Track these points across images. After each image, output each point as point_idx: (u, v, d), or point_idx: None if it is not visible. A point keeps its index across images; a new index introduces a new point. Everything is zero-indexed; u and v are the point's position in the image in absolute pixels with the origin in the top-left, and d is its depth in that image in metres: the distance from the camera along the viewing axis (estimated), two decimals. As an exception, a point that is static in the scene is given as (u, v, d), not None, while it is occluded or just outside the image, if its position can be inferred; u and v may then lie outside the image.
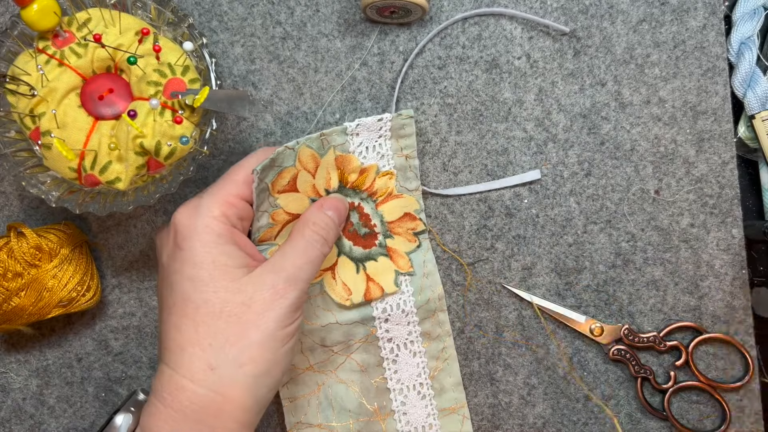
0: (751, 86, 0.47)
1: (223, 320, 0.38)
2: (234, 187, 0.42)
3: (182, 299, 0.39)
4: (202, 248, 0.39)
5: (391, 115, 0.47)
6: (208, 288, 0.38)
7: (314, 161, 0.46)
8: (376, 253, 0.48)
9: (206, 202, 0.41)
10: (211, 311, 0.38)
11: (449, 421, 0.49)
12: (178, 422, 0.37)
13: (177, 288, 0.39)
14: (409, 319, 0.48)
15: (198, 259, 0.39)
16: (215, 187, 0.42)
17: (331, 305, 0.47)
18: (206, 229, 0.40)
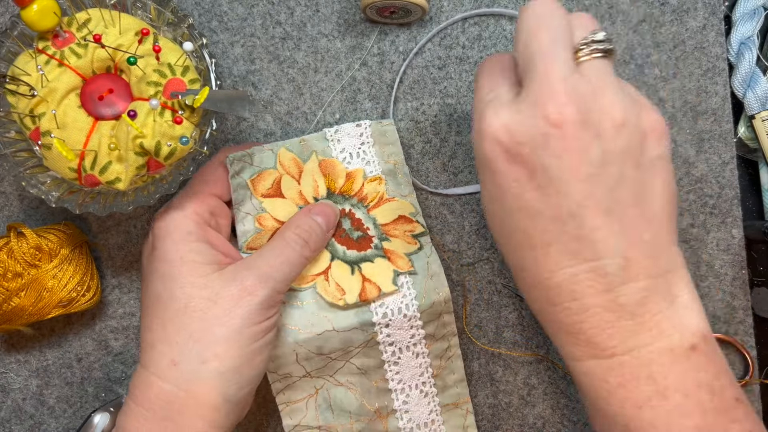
0: (751, 86, 0.47)
1: (188, 316, 0.38)
2: (204, 185, 0.43)
3: (154, 298, 0.39)
4: (172, 245, 0.40)
5: (370, 122, 0.47)
6: (175, 284, 0.39)
7: (297, 166, 0.46)
8: (373, 255, 0.46)
9: (177, 201, 0.42)
10: (177, 307, 0.38)
11: (452, 416, 0.48)
12: (148, 419, 0.37)
13: (150, 287, 0.40)
14: (412, 323, 0.46)
15: (168, 256, 0.40)
16: (186, 188, 0.44)
17: (326, 310, 0.45)
18: (177, 227, 0.41)
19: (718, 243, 0.49)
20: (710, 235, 0.49)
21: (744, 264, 0.49)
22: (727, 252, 0.49)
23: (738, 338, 0.49)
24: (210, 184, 0.44)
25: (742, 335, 0.49)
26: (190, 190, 0.43)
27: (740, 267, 0.49)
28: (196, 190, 0.43)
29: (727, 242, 0.48)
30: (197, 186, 0.43)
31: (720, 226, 0.48)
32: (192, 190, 0.43)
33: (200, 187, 0.43)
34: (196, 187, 0.43)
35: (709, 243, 0.49)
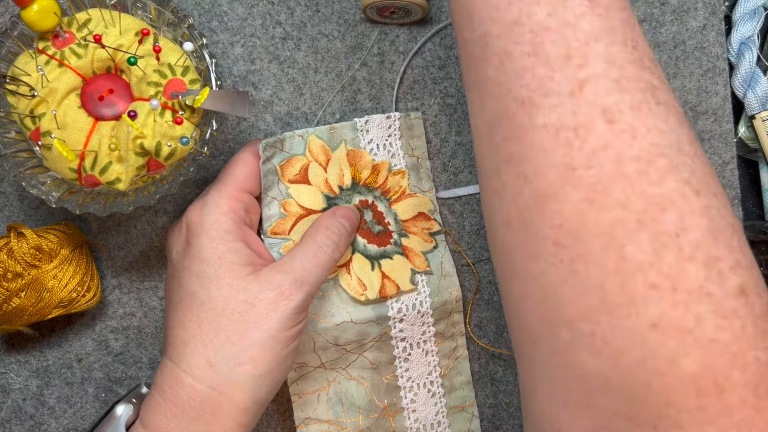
0: (752, 86, 0.47)
1: (226, 318, 0.38)
2: (237, 182, 0.42)
3: (189, 295, 0.39)
4: (210, 244, 0.39)
5: (400, 114, 0.47)
6: (212, 284, 0.39)
7: (325, 154, 0.47)
8: (392, 252, 0.47)
9: (213, 198, 0.41)
10: (215, 308, 0.38)
11: (458, 419, 0.49)
12: (177, 417, 0.37)
13: (184, 284, 0.39)
14: (424, 319, 0.47)
15: (205, 255, 0.39)
16: (219, 184, 0.42)
17: (346, 303, 0.46)
18: (214, 225, 0.40)
19: (718, 243, 0.49)
20: (710, 235, 0.49)
21: (744, 264, 0.49)
22: (728, 252, 0.49)
23: (738, 338, 0.49)
24: (243, 180, 0.43)
25: (742, 335, 0.49)
26: (224, 185, 0.42)
27: (740, 267, 0.49)
28: (230, 187, 0.42)
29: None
30: (230, 182, 0.42)
31: (720, 226, 0.48)
32: (226, 185, 0.42)
33: (233, 184, 0.42)
34: (230, 182, 0.42)
35: (709, 243, 0.49)
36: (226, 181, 0.42)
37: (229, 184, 0.42)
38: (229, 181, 0.42)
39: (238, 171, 0.43)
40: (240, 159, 0.44)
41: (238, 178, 0.43)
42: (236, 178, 0.43)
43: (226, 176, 0.43)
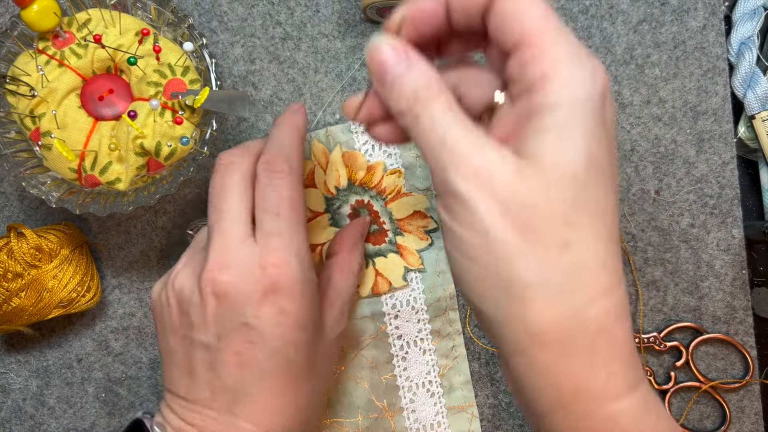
0: (751, 86, 0.47)
1: (317, 377, 0.38)
2: (304, 212, 0.38)
3: (284, 363, 0.36)
4: (306, 308, 0.36)
5: None
6: (308, 349, 0.36)
7: (325, 157, 0.48)
8: (386, 250, 0.48)
9: (302, 247, 0.36)
10: (309, 371, 0.37)
11: (458, 420, 0.49)
12: None
13: (276, 353, 0.35)
14: (419, 316, 0.48)
15: (303, 321, 0.36)
16: (294, 222, 0.36)
17: None
18: (310, 283, 0.36)
19: (718, 243, 0.49)
20: (710, 235, 0.49)
21: (744, 264, 0.49)
22: (728, 252, 0.49)
23: (738, 338, 0.49)
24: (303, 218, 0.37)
25: (742, 335, 0.49)
26: (299, 223, 0.36)
27: (740, 267, 0.49)
28: (304, 222, 0.37)
29: (728, 242, 0.48)
30: (303, 218, 0.37)
31: (720, 226, 0.48)
32: (301, 222, 0.37)
33: (304, 215, 0.37)
34: (303, 219, 0.37)
35: (709, 243, 0.49)
36: (297, 230, 0.36)
37: (302, 231, 0.36)
38: (300, 229, 0.36)
39: (302, 211, 0.37)
40: (296, 193, 0.37)
41: (303, 221, 0.37)
42: (302, 222, 0.37)
43: (294, 222, 0.36)
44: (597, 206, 0.27)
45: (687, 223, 0.49)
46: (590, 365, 0.27)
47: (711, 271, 0.49)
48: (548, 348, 0.27)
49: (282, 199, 0.36)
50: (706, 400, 0.49)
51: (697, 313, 0.49)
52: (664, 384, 0.49)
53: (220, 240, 0.35)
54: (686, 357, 0.48)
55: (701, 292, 0.49)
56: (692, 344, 0.48)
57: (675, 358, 0.49)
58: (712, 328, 0.49)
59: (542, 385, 0.27)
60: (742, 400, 0.49)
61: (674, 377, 0.48)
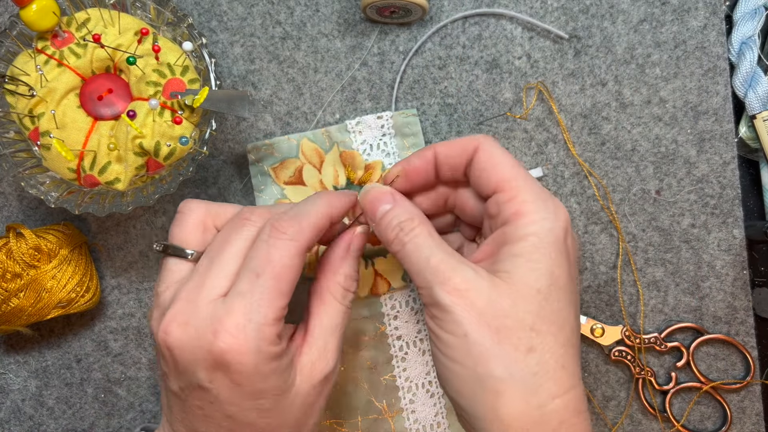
0: (752, 86, 0.47)
1: (287, 428, 0.36)
2: (280, 289, 0.34)
3: (246, 426, 0.35)
4: (262, 381, 0.33)
5: (392, 113, 0.47)
6: (272, 413, 0.35)
7: (318, 156, 0.48)
8: (385, 250, 0.48)
9: (255, 324, 0.33)
10: (275, 426, 0.35)
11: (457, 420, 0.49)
12: None
13: (238, 417, 0.34)
14: (418, 317, 0.48)
15: (259, 389, 0.34)
16: (259, 291, 0.33)
17: None
18: (262, 358, 0.33)
19: (719, 243, 0.48)
20: (711, 235, 0.48)
21: (745, 264, 0.48)
22: (728, 252, 0.48)
23: (739, 339, 0.48)
24: (287, 283, 0.34)
25: (743, 336, 0.49)
26: (266, 295, 0.33)
27: (741, 267, 0.48)
28: (273, 294, 0.33)
29: (728, 242, 0.48)
30: (274, 291, 0.33)
31: (721, 226, 0.48)
32: (268, 295, 0.33)
33: (278, 290, 0.33)
34: (274, 292, 0.33)
35: (710, 243, 0.48)
36: (268, 301, 0.33)
37: (273, 303, 0.33)
38: (271, 300, 0.33)
39: (285, 282, 0.34)
40: (286, 262, 0.34)
41: (281, 294, 0.33)
42: (280, 294, 0.33)
43: (267, 290, 0.33)
44: (558, 317, 0.32)
45: (688, 223, 0.48)
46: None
47: (712, 272, 0.49)
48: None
49: (269, 261, 0.33)
50: (707, 400, 0.49)
51: (698, 314, 0.49)
52: (665, 384, 0.48)
53: (193, 291, 0.34)
54: (687, 357, 0.48)
55: (702, 292, 0.49)
56: (693, 345, 0.48)
57: (676, 359, 0.49)
58: (713, 328, 0.49)
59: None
60: (743, 401, 0.49)
61: (675, 378, 0.48)
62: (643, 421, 0.49)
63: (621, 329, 0.48)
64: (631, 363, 0.48)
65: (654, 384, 0.48)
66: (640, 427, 0.49)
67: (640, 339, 0.48)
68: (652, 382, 0.48)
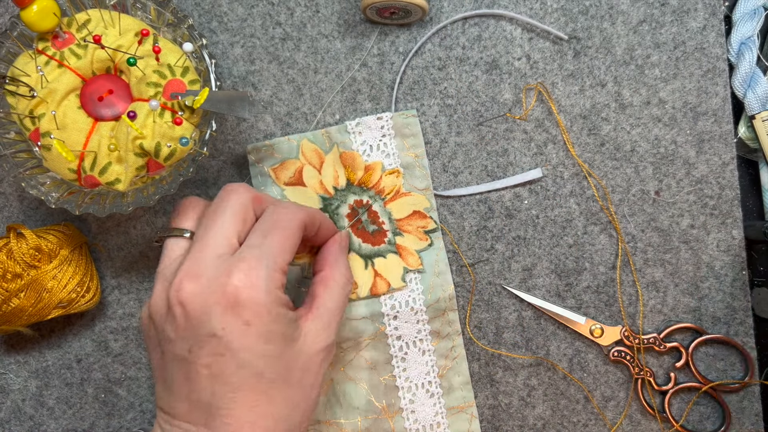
0: (752, 86, 0.47)
1: (293, 387, 0.38)
2: (286, 254, 0.38)
3: (254, 377, 0.36)
4: (274, 325, 0.36)
5: (392, 113, 0.48)
6: (280, 363, 0.36)
7: (318, 157, 0.48)
8: (385, 250, 0.48)
9: (269, 272, 0.36)
10: (282, 382, 0.37)
11: (457, 420, 0.49)
12: None
13: (246, 365, 0.36)
14: (418, 317, 0.48)
15: (271, 335, 0.36)
16: (269, 254, 0.37)
17: None
18: (275, 302, 0.36)
19: (718, 244, 0.48)
20: (710, 235, 0.48)
21: (744, 265, 0.49)
22: (728, 253, 0.48)
23: (738, 339, 0.49)
24: (290, 252, 0.38)
25: (742, 336, 0.49)
26: (276, 257, 0.37)
27: (740, 268, 0.49)
28: (281, 258, 0.37)
29: (728, 243, 0.48)
30: (281, 254, 0.37)
31: (720, 226, 0.48)
32: (277, 257, 0.37)
33: (284, 256, 0.37)
34: (281, 255, 0.37)
35: (709, 244, 0.49)
36: (277, 252, 0.37)
37: (280, 256, 0.37)
38: (280, 253, 0.37)
39: (289, 243, 0.38)
40: (292, 227, 0.39)
41: (286, 250, 0.38)
42: (285, 250, 0.37)
43: (276, 244, 0.37)
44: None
45: (687, 223, 0.49)
46: None
47: (711, 272, 0.49)
48: None
49: (276, 222, 0.38)
50: (706, 401, 0.49)
51: (697, 314, 0.49)
52: (664, 385, 0.49)
53: (197, 252, 0.36)
54: (686, 358, 0.48)
55: (701, 292, 0.49)
56: (692, 345, 0.48)
57: (675, 359, 0.49)
58: (712, 328, 0.49)
59: None
60: (742, 401, 0.49)
61: (674, 378, 0.48)
62: (642, 422, 0.49)
63: (620, 329, 0.48)
64: (630, 363, 0.48)
65: (653, 384, 0.48)
66: (639, 427, 0.49)
67: (639, 339, 0.48)
68: (651, 383, 0.48)
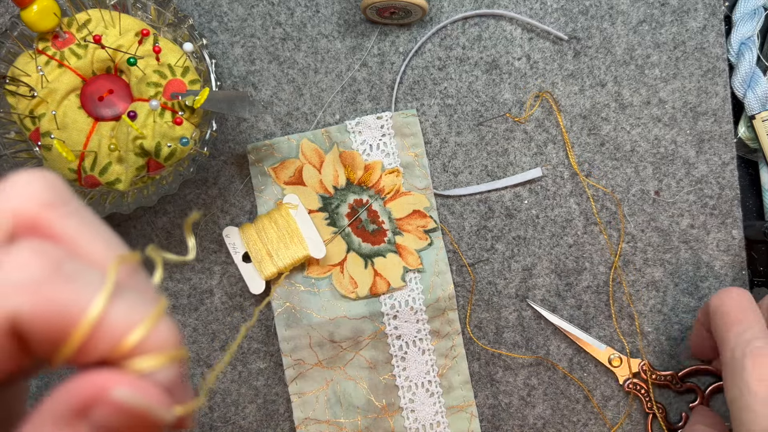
0: (751, 86, 0.47)
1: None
2: None
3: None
4: None
5: (391, 113, 0.48)
6: None
7: (318, 156, 0.48)
8: (385, 250, 0.48)
9: None
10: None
11: (457, 419, 0.49)
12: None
13: None
14: (418, 316, 0.48)
15: None
16: None
17: (339, 298, 0.48)
18: None
19: (718, 244, 0.49)
20: (710, 235, 0.49)
21: (744, 265, 0.49)
22: (727, 253, 0.49)
23: (738, 339, 0.49)
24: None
25: (742, 336, 0.49)
26: None
27: (740, 268, 0.49)
28: None
29: (727, 243, 0.48)
30: None
31: (720, 226, 0.48)
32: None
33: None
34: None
35: (709, 244, 0.49)
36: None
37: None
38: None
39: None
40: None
41: None
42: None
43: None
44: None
45: (687, 223, 0.49)
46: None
47: (711, 272, 0.49)
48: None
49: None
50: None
51: (697, 314, 0.49)
52: (676, 423, 0.48)
53: None
54: (701, 401, 0.47)
55: (701, 292, 0.49)
56: (710, 389, 0.47)
57: (692, 399, 0.48)
58: (712, 328, 0.49)
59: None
60: None
61: (685, 418, 0.47)
62: (642, 422, 0.49)
63: (639, 363, 0.48)
64: (644, 397, 0.48)
65: (664, 422, 0.48)
66: (639, 426, 0.49)
67: (656, 374, 0.48)
68: (662, 421, 0.48)
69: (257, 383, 0.50)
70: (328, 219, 0.48)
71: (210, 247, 0.49)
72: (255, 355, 0.50)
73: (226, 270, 0.49)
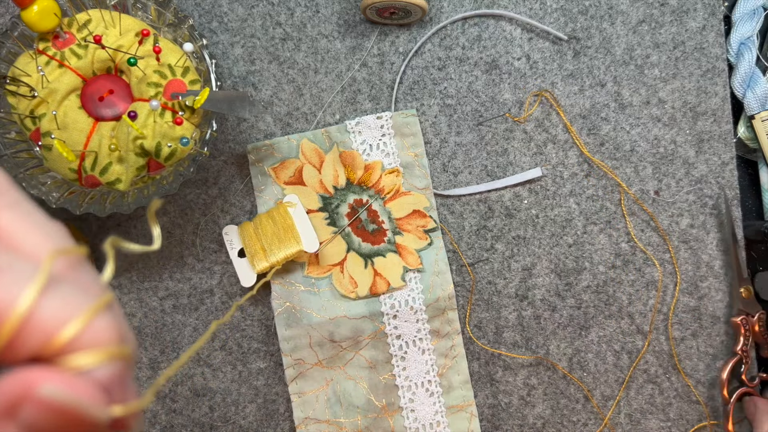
0: (751, 86, 0.47)
1: None
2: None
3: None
4: None
5: (391, 113, 0.48)
6: None
7: (318, 156, 0.48)
8: (385, 250, 0.48)
9: None
10: None
11: (457, 419, 0.49)
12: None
13: None
14: (417, 316, 0.48)
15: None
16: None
17: (339, 298, 0.48)
18: None
19: (717, 243, 0.49)
20: (710, 235, 0.49)
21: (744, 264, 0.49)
22: (727, 252, 0.49)
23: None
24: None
25: (741, 335, 0.49)
26: None
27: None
28: None
29: (727, 243, 0.48)
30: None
31: (720, 226, 0.48)
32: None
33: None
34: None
35: (708, 243, 0.49)
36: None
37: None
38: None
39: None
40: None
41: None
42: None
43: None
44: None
45: (686, 223, 0.49)
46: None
47: (710, 272, 0.49)
48: None
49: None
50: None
51: (696, 314, 0.49)
52: (751, 381, 0.47)
53: None
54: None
55: (701, 292, 0.49)
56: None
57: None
58: (711, 328, 0.49)
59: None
60: None
61: (759, 380, 0.47)
62: (642, 421, 0.49)
63: (760, 312, 0.47)
64: (743, 337, 0.47)
65: (746, 369, 0.47)
66: (639, 426, 0.49)
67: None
68: (746, 368, 0.47)
69: (257, 383, 0.50)
70: (328, 219, 0.48)
71: (210, 247, 0.49)
72: (255, 354, 0.50)
73: (226, 270, 0.49)
